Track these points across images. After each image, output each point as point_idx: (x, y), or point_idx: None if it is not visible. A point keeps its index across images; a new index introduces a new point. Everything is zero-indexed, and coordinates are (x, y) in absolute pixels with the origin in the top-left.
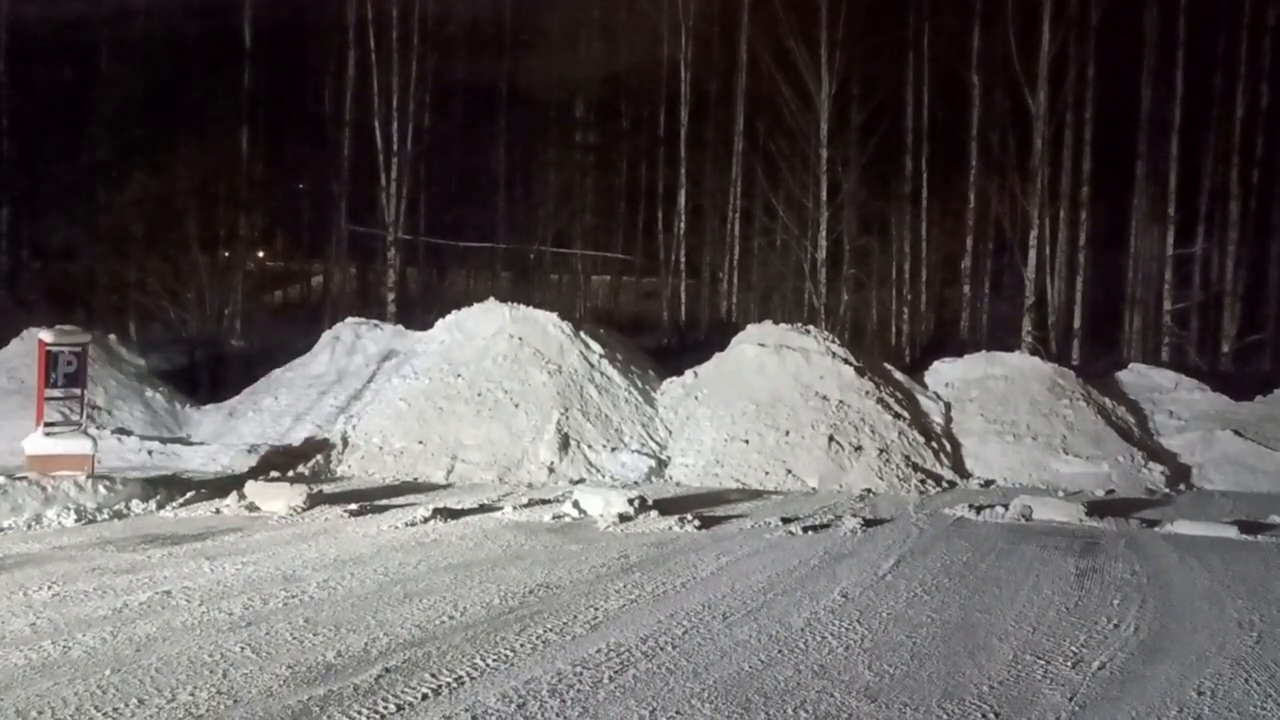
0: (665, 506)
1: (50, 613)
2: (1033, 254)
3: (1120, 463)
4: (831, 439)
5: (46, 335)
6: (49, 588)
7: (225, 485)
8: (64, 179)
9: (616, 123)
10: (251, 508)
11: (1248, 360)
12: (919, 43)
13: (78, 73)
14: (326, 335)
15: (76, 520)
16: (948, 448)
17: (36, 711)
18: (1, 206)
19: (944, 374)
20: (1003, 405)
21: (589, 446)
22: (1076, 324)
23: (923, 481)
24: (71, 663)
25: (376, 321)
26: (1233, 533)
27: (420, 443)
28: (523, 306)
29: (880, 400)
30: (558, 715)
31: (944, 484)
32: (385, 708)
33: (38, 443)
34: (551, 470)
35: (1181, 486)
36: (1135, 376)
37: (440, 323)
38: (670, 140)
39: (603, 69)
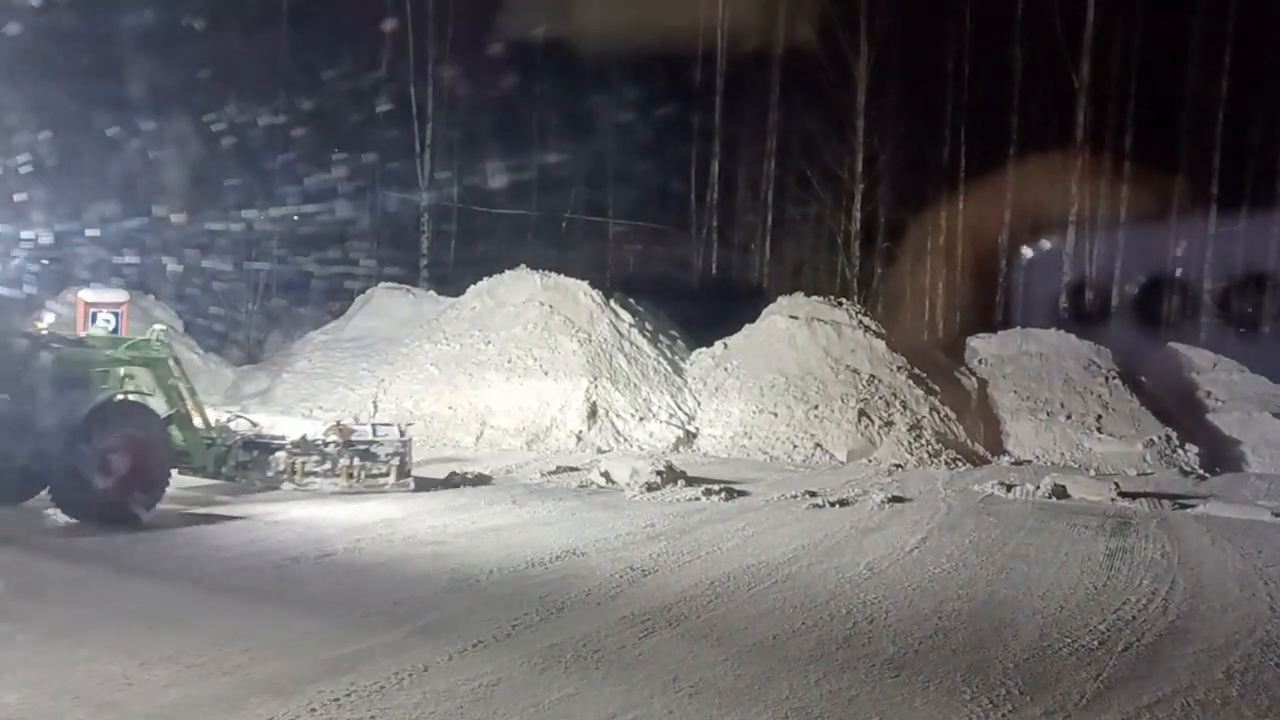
0: (692, 477)
1: (85, 569)
2: (1072, 230)
3: (1155, 443)
4: (862, 413)
5: (87, 294)
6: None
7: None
8: (103, 145)
9: (651, 91)
10: None
11: None
12: (960, 14)
13: (116, 36)
14: (359, 300)
15: None
16: (980, 424)
17: (71, 664)
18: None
19: (978, 350)
20: (1037, 382)
21: (617, 415)
22: (1114, 301)
23: (954, 458)
24: (103, 619)
25: (409, 287)
26: (1267, 516)
27: (450, 408)
28: (554, 274)
29: (912, 375)
30: (581, 679)
31: (975, 460)
32: (413, 665)
33: None
34: (580, 438)
35: (1217, 468)
36: (1173, 356)
37: (471, 289)
38: (705, 109)
39: (638, 37)
